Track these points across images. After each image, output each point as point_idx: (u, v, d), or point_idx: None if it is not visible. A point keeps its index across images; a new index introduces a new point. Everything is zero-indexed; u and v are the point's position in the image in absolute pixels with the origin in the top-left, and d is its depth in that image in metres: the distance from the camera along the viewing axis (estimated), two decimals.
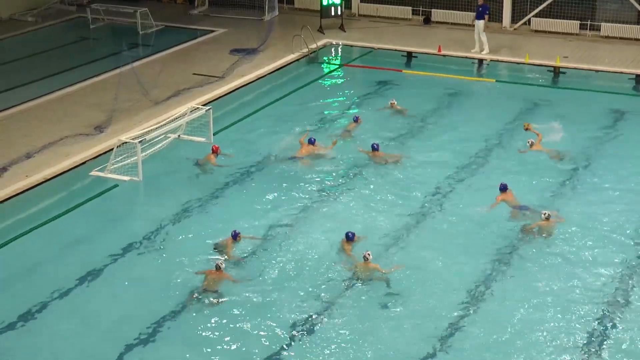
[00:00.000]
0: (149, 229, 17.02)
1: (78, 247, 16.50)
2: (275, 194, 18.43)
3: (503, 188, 17.66)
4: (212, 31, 31.49)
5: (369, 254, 15.37)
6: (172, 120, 20.54)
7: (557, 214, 17.09)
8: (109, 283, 15.32)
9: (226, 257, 15.74)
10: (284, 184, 18.88)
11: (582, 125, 22.14)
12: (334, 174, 19.39)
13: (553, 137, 20.78)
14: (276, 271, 15.54)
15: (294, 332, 13.81)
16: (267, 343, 13.55)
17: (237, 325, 14.00)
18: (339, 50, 29.66)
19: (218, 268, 15.05)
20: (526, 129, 20.98)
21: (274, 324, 13.98)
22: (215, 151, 19.87)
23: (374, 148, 20.10)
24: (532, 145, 20.21)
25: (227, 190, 18.73)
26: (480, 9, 27.64)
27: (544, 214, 16.82)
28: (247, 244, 16.30)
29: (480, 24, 27.72)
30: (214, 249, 16.15)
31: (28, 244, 16.59)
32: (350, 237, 16.05)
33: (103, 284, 15.30)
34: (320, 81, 26.47)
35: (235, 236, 16.18)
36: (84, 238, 16.81)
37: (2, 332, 13.89)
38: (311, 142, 20.24)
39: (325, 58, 28.66)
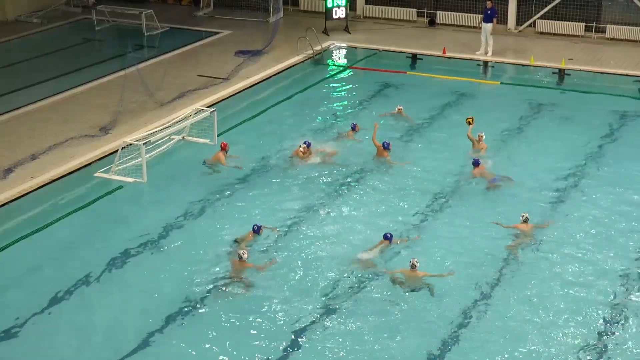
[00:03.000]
0: (154, 230, 17.03)
1: (83, 249, 16.50)
2: (279, 196, 18.44)
3: (475, 163, 18.82)
4: (217, 33, 31.54)
5: (416, 262, 14.91)
6: (177, 122, 20.58)
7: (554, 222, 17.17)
8: (115, 284, 15.34)
9: (245, 250, 15.67)
10: (288, 186, 18.89)
11: (587, 128, 22.11)
12: (336, 178, 19.33)
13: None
14: (289, 273, 15.57)
15: (303, 327, 13.95)
16: (273, 339, 13.63)
17: (252, 317, 14.19)
18: (344, 52, 29.66)
19: (240, 258, 15.34)
20: (469, 124, 20.42)
21: (285, 320, 14.14)
22: (224, 148, 19.88)
23: (385, 146, 20.09)
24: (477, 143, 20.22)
25: (232, 191, 18.71)
26: (489, 12, 27.62)
27: (522, 216, 16.75)
28: (264, 241, 16.43)
29: (488, 27, 27.69)
30: (235, 241, 16.29)
31: (33, 245, 16.61)
32: (388, 237, 15.96)
33: (109, 285, 15.31)
34: (325, 83, 26.47)
35: (258, 230, 16.42)
36: (89, 239, 16.82)
37: (4, 333, 13.90)
38: (307, 145, 20.13)
39: (330, 60, 28.68)
